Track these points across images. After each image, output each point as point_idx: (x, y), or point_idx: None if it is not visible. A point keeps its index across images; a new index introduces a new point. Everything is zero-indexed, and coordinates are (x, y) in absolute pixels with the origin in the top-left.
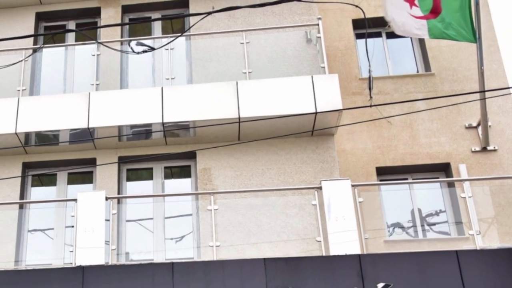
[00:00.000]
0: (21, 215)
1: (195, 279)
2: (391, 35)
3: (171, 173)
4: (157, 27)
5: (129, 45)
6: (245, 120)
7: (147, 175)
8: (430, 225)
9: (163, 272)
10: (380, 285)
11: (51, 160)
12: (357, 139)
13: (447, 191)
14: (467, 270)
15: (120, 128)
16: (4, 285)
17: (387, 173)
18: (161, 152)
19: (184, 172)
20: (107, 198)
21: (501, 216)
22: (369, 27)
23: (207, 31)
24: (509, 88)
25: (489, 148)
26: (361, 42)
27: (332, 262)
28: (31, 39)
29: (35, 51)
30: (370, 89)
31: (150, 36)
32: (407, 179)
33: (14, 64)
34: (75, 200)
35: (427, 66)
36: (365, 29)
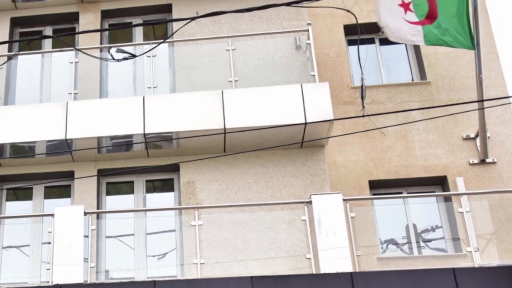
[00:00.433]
0: None
1: None
2: (384, 41)
3: (153, 187)
4: (138, 33)
5: (109, 52)
6: (231, 131)
7: (127, 188)
8: (425, 241)
9: None
10: None
11: (27, 173)
12: (349, 151)
13: (443, 206)
14: None
15: (100, 139)
16: None
17: (380, 186)
18: (142, 165)
19: (166, 186)
20: (85, 213)
21: (500, 232)
22: (361, 33)
23: (191, 37)
24: (508, 97)
25: (487, 160)
26: (353, 49)
27: (323, 281)
28: (5, 46)
29: (10, 58)
30: (362, 98)
31: (131, 42)
32: (401, 193)
33: None
34: (52, 215)
35: (422, 74)
36: (357, 35)
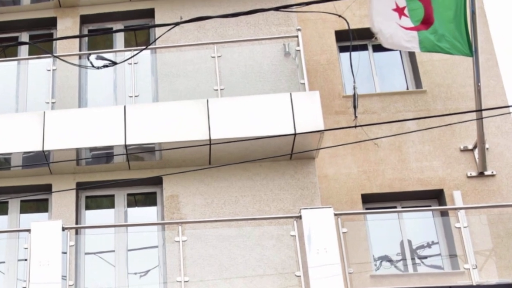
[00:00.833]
0: None
1: None
2: (378, 48)
3: (134, 201)
4: (119, 39)
5: (88, 59)
6: (216, 142)
7: (108, 203)
8: (421, 258)
9: None
10: None
11: (2, 187)
12: (340, 163)
13: (440, 221)
14: None
15: (79, 151)
16: None
17: (373, 200)
18: (123, 178)
19: (149, 200)
20: (64, 228)
21: (499, 248)
22: (353, 39)
23: (175, 44)
24: (508, 106)
25: (486, 173)
26: (345, 55)
27: None
28: None
29: None
30: (355, 107)
31: (112, 49)
32: (396, 207)
33: None
34: (28, 231)
35: (418, 83)
36: (349, 41)
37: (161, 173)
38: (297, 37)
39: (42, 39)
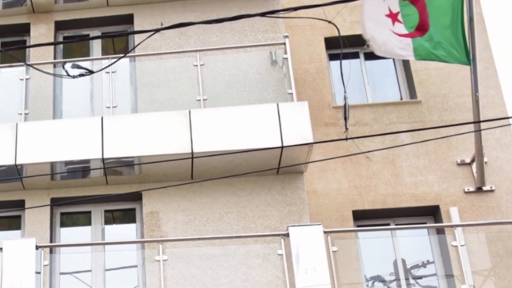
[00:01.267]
0: None
1: None
2: (370, 56)
3: (112, 218)
4: (96, 46)
5: (63, 67)
6: (199, 155)
7: (84, 219)
8: (416, 278)
9: None
10: None
11: None
12: (330, 178)
13: (436, 239)
14: None
15: (53, 165)
16: None
17: (365, 217)
18: (101, 193)
19: (127, 217)
20: (37, 247)
21: (498, 268)
22: (344, 47)
23: (155, 52)
24: (508, 118)
25: (485, 188)
26: (335, 64)
27: None
28: None
29: None
30: (345, 119)
31: (88, 57)
32: (389, 224)
33: None
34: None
35: (412, 93)
36: (339, 49)
37: (141, 188)
38: (284, 44)
39: (14, 46)
